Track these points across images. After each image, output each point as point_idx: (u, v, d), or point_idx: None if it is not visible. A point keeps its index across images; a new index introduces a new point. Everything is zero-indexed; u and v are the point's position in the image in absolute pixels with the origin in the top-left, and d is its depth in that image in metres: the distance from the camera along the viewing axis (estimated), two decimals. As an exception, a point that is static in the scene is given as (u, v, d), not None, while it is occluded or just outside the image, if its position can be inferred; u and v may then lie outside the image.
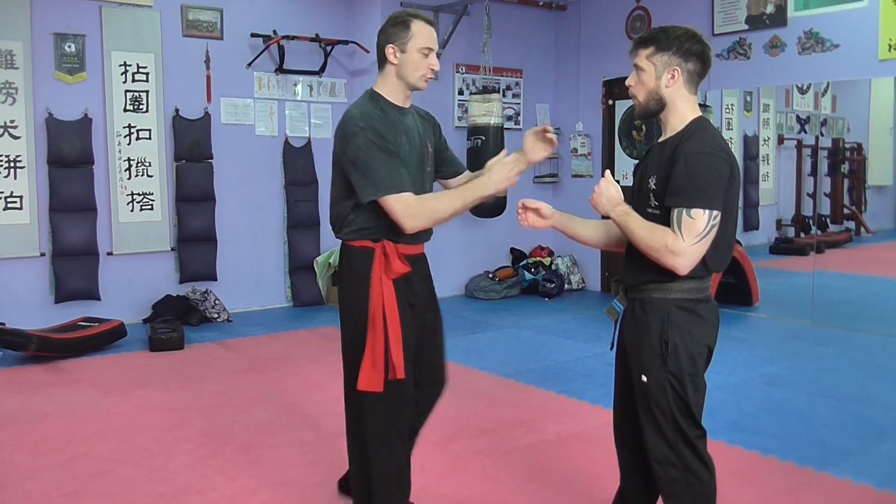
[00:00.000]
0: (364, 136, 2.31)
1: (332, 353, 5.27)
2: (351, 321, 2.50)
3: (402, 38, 2.39)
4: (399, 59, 2.40)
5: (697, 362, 2.15)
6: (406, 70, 2.41)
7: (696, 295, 2.14)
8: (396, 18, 2.43)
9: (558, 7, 7.73)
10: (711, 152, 2.04)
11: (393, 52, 2.40)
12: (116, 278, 6.09)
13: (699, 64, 2.14)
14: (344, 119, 2.41)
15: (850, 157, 6.92)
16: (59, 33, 5.79)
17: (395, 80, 2.44)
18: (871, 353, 5.18)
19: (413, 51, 2.40)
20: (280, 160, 6.91)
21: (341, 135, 2.39)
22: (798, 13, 6.02)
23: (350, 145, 2.33)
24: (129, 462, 3.37)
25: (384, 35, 2.43)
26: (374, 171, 2.30)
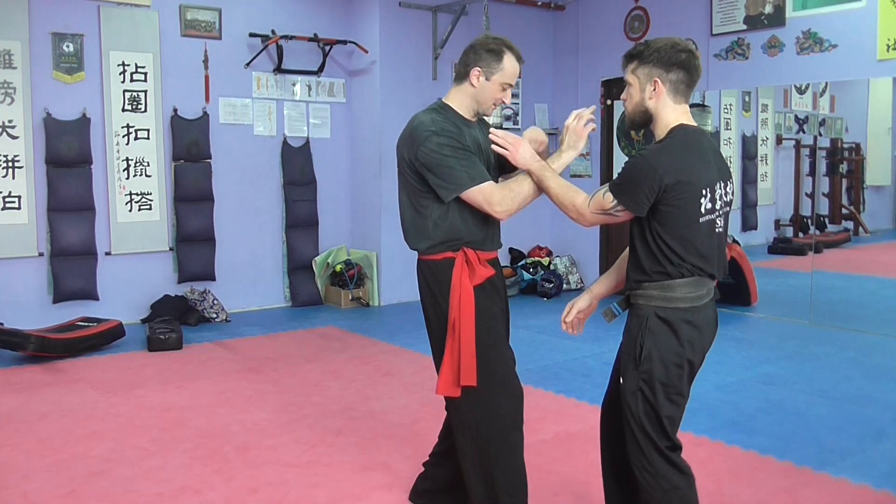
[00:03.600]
0: (436, 139, 2.33)
1: (331, 353, 5.28)
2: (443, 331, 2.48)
3: (491, 67, 2.40)
4: (480, 84, 2.42)
5: (671, 373, 2.15)
6: (483, 97, 2.43)
7: (678, 304, 2.13)
8: (492, 44, 2.41)
9: (557, 7, 7.74)
10: (646, 160, 2.10)
11: (477, 76, 2.41)
12: (115, 278, 6.09)
13: (682, 73, 2.17)
14: (411, 126, 2.42)
15: (848, 157, 6.93)
16: (57, 33, 5.78)
17: (469, 99, 2.46)
18: (870, 353, 5.19)
19: (496, 82, 2.42)
20: (278, 160, 6.90)
21: (410, 142, 2.39)
22: (796, 13, 6.02)
23: (422, 149, 2.34)
24: (127, 462, 3.36)
25: (475, 55, 2.41)
26: (452, 169, 2.32)
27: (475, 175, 2.34)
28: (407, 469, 3.27)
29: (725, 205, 2.21)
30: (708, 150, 2.19)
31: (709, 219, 2.14)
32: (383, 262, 7.07)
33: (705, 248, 2.15)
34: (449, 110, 2.46)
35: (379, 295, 7.09)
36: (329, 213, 7.22)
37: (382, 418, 3.93)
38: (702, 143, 2.18)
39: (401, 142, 2.45)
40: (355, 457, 3.42)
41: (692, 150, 2.14)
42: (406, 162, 2.42)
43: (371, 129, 7.07)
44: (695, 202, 2.10)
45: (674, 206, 2.09)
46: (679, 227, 2.11)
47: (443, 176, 2.33)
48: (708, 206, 2.13)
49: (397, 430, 3.75)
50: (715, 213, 2.16)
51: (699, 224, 2.12)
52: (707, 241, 2.15)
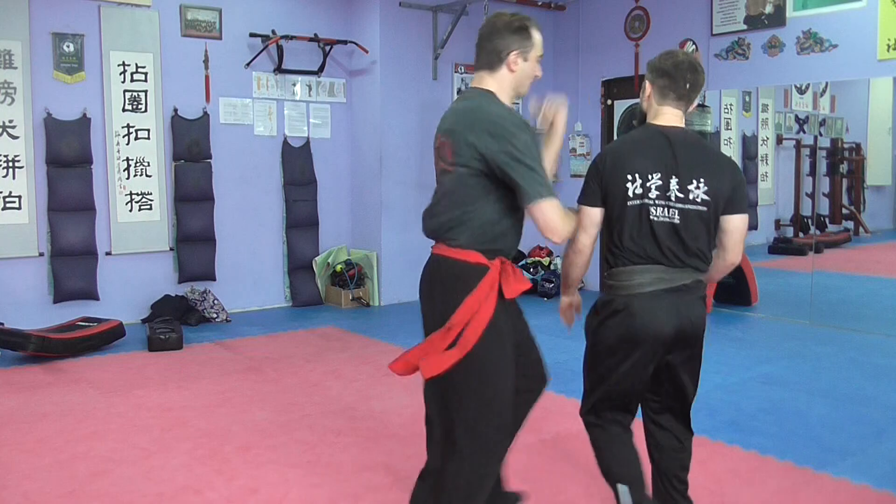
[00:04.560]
0: (527, 136, 2.18)
1: (331, 353, 5.28)
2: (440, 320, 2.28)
3: (525, 46, 2.29)
4: (519, 67, 2.30)
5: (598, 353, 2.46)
6: (522, 78, 2.33)
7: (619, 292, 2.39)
8: (516, 23, 2.29)
9: (557, 7, 7.73)
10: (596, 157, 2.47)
11: (515, 60, 2.29)
12: (115, 278, 6.09)
13: (665, 78, 2.40)
14: (488, 115, 2.21)
15: (848, 157, 6.93)
16: (57, 33, 5.78)
17: (508, 86, 2.33)
18: (870, 353, 5.19)
19: (533, 59, 2.32)
20: (279, 160, 6.90)
21: (493, 130, 2.16)
22: (797, 13, 6.02)
23: (515, 141, 2.14)
24: (128, 462, 3.36)
25: (504, 40, 2.27)
26: (536, 173, 2.15)
27: (549, 187, 2.17)
28: (407, 469, 3.27)
29: (678, 200, 2.32)
30: (660, 144, 2.37)
31: (638, 204, 2.33)
32: (384, 262, 7.07)
33: (636, 234, 2.34)
34: (499, 100, 2.30)
35: (379, 295, 7.09)
36: (329, 213, 7.22)
37: (383, 418, 3.93)
38: (654, 138, 2.39)
39: (463, 125, 2.22)
40: (355, 457, 3.42)
41: (638, 143, 2.40)
42: (475, 149, 2.18)
43: (371, 129, 7.07)
44: (621, 185, 2.34)
45: (608, 193, 2.37)
46: (611, 210, 2.38)
47: (527, 178, 2.14)
48: (638, 191, 2.33)
49: (397, 431, 3.75)
50: (647, 200, 2.33)
51: (627, 207, 2.34)
52: (638, 226, 2.33)
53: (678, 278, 2.34)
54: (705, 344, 2.56)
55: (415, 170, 7.20)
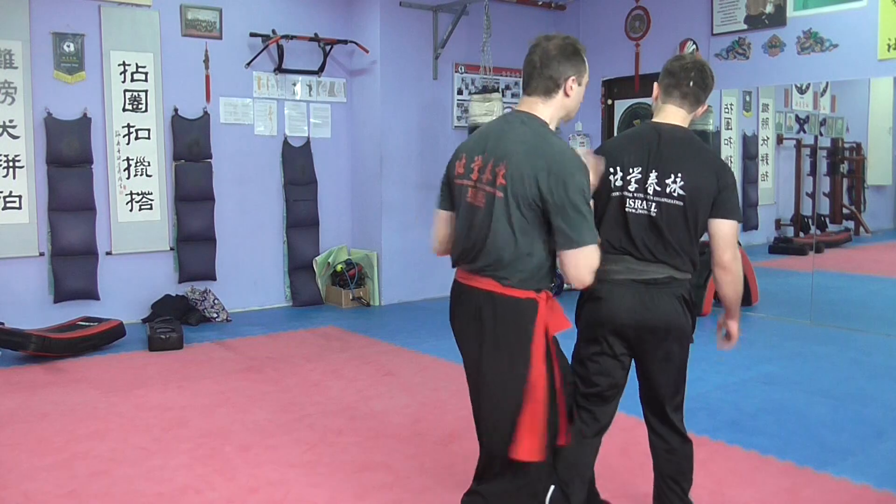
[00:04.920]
0: (583, 177, 2.14)
1: (332, 353, 5.29)
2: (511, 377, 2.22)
3: (580, 71, 2.26)
4: (574, 92, 2.26)
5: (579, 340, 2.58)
6: (574, 103, 2.29)
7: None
8: (573, 46, 2.25)
9: (557, 7, 7.73)
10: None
11: (571, 85, 2.24)
12: (115, 278, 6.09)
13: (670, 77, 2.51)
14: (552, 150, 2.14)
15: (848, 157, 6.93)
16: (57, 33, 5.78)
17: (560, 111, 2.28)
18: (870, 353, 5.19)
19: (584, 84, 2.30)
20: (279, 160, 6.90)
21: (556, 173, 2.10)
22: (797, 13, 6.02)
23: (573, 184, 2.10)
24: (128, 462, 3.36)
25: (561, 66, 2.22)
26: (584, 219, 2.11)
27: (593, 234, 2.14)
28: (407, 469, 3.27)
29: (656, 193, 2.38)
30: (649, 139, 2.44)
31: (618, 195, 2.44)
32: (384, 262, 7.07)
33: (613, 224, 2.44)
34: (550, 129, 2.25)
35: (379, 295, 7.09)
36: (330, 212, 7.22)
37: (383, 418, 3.93)
38: (645, 133, 2.48)
39: (524, 154, 2.15)
40: (356, 456, 3.42)
41: (628, 138, 2.53)
42: (535, 183, 2.11)
43: (372, 129, 7.07)
44: (605, 177, 2.44)
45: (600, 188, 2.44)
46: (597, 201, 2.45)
47: (575, 223, 2.11)
48: (618, 183, 2.44)
49: (398, 430, 3.75)
50: (626, 192, 2.42)
51: (610, 199, 2.45)
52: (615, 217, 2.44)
53: (649, 271, 2.39)
54: (705, 343, 2.56)
55: (415, 170, 7.20)
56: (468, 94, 7.22)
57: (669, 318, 2.40)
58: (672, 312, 2.40)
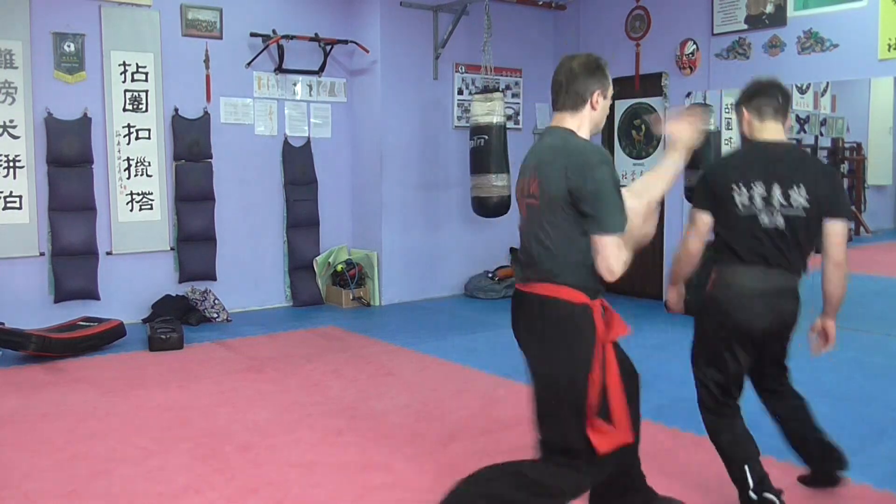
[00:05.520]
0: (607, 169, 2.23)
1: (332, 353, 5.28)
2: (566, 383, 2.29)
3: (605, 85, 2.39)
4: (600, 105, 2.39)
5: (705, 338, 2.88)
6: (600, 116, 2.41)
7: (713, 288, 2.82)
8: (596, 63, 2.38)
9: (558, 6, 7.73)
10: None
11: (597, 99, 2.37)
12: (116, 278, 6.09)
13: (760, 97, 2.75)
14: (574, 151, 2.28)
15: (849, 157, 6.92)
16: (58, 33, 5.78)
17: (589, 124, 2.40)
18: (871, 353, 5.18)
19: (608, 98, 2.42)
20: (279, 160, 6.90)
21: (577, 167, 2.22)
22: (797, 13, 6.01)
23: (595, 174, 2.21)
24: (128, 462, 3.36)
25: (587, 81, 2.35)
26: (616, 205, 2.21)
27: (620, 224, 2.22)
28: (408, 469, 3.27)
29: (781, 206, 2.61)
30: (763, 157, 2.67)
31: (746, 211, 2.63)
32: (384, 262, 7.07)
33: (743, 238, 2.64)
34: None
35: (380, 295, 7.09)
36: (330, 212, 7.22)
37: (383, 418, 3.93)
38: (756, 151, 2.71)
39: (550, 158, 2.30)
40: (356, 457, 3.42)
41: (742, 156, 2.74)
42: (563, 189, 2.23)
43: (372, 129, 7.07)
44: (728, 195, 2.65)
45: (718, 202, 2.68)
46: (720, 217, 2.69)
47: (603, 210, 2.20)
48: (744, 200, 2.63)
49: (398, 430, 3.75)
50: (753, 207, 2.62)
51: (735, 215, 2.64)
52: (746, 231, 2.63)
53: (777, 279, 2.63)
54: None
55: (415, 170, 7.20)
56: (469, 94, 7.22)
57: (792, 320, 2.69)
58: (794, 314, 2.69)
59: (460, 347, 5.37)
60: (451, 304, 7.06)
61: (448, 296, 7.37)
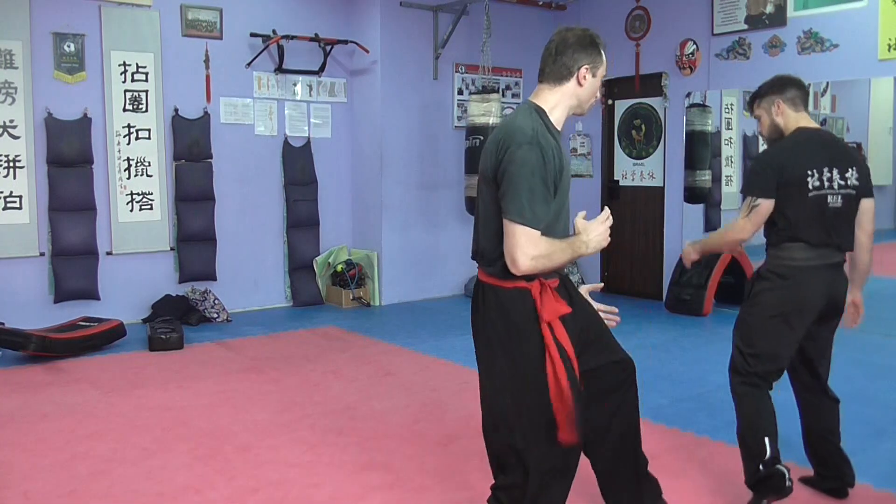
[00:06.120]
0: (527, 152, 2.09)
1: (332, 353, 5.29)
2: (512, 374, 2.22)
3: (595, 62, 2.27)
4: (588, 82, 2.27)
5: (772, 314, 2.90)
6: (586, 94, 2.29)
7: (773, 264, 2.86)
8: (589, 39, 2.27)
9: (558, 7, 7.73)
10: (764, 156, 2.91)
11: (584, 75, 2.26)
12: (116, 278, 6.09)
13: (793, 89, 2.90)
14: (508, 129, 2.17)
15: (849, 157, 6.91)
16: (58, 33, 5.79)
17: (569, 101, 2.28)
18: (871, 353, 5.18)
19: (599, 77, 2.30)
20: (279, 160, 6.90)
21: (504, 146, 2.13)
22: (797, 13, 6.02)
23: (515, 154, 2.09)
24: (129, 462, 3.37)
25: (576, 54, 2.24)
26: (524, 193, 2.07)
27: (533, 214, 2.07)
28: (408, 469, 3.27)
29: (840, 187, 2.81)
30: (818, 143, 2.82)
31: (817, 194, 2.77)
32: (384, 262, 7.07)
33: (811, 219, 2.76)
34: (545, 116, 2.24)
35: (380, 295, 7.09)
36: (330, 212, 7.22)
37: (383, 418, 3.93)
38: (811, 138, 2.83)
39: (490, 146, 2.21)
40: (356, 457, 3.42)
41: (804, 144, 2.81)
42: (491, 167, 2.17)
43: (372, 129, 7.07)
44: (802, 179, 2.75)
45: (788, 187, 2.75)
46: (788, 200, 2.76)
47: (510, 193, 2.08)
48: (816, 183, 2.76)
49: (398, 430, 3.75)
50: (823, 190, 2.77)
51: (808, 198, 2.75)
52: (815, 212, 2.76)
53: (835, 256, 2.82)
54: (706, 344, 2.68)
55: (416, 170, 7.20)
56: (468, 95, 7.22)
57: (843, 300, 2.88)
58: (845, 294, 2.90)
59: (460, 347, 5.38)
60: (451, 304, 7.05)
61: (448, 296, 7.37)
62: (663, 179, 7.12)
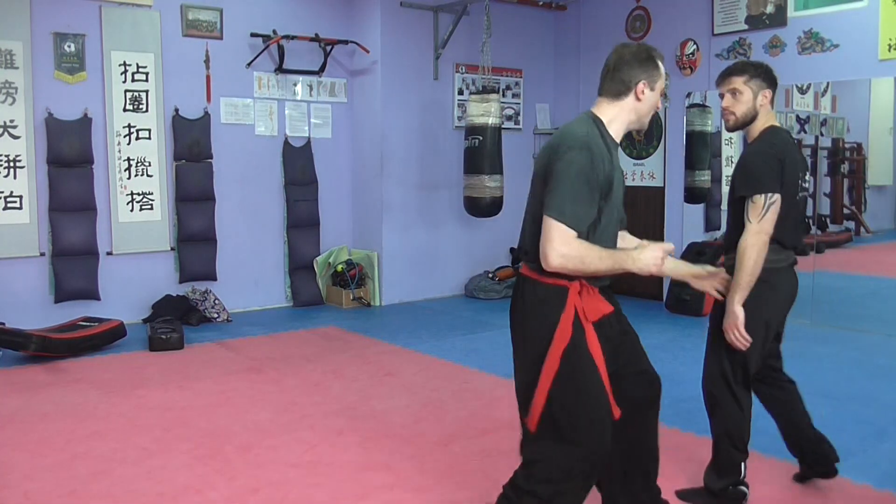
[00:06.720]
0: (577, 154, 2.15)
1: (332, 353, 5.29)
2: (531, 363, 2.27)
3: (653, 77, 2.32)
4: (646, 96, 2.32)
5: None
6: (646, 108, 2.34)
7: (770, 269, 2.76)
8: (646, 53, 2.33)
9: (558, 7, 7.73)
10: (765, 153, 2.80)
11: (643, 89, 2.31)
12: (116, 278, 6.09)
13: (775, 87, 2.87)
14: (562, 133, 2.25)
15: (849, 157, 6.92)
16: (58, 33, 5.79)
17: (629, 115, 2.34)
18: (871, 353, 5.18)
19: (658, 90, 2.35)
20: (280, 160, 6.90)
21: (555, 149, 2.21)
22: (798, 13, 6.02)
23: (564, 156, 2.16)
24: (129, 462, 3.37)
25: (633, 70, 2.30)
26: (568, 193, 2.12)
27: (577, 215, 2.12)
28: (408, 469, 3.27)
29: (803, 189, 2.86)
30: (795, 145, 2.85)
31: (802, 195, 2.83)
32: (384, 262, 7.07)
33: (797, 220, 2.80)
34: (602, 126, 2.30)
35: (380, 295, 7.09)
36: (330, 212, 7.22)
37: (384, 418, 3.93)
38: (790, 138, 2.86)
39: (545, 149, 2.29)
40: (357, 457, 3.42)
41: (791, 144, 2.82)
42: (542, 167, 2.24)
43: (372, 129, 7.07)
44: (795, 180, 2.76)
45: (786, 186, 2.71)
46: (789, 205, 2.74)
47: (554, 191, 2.14)
48: (805, 185, 2.82)
49: (399, 431, 3.75)
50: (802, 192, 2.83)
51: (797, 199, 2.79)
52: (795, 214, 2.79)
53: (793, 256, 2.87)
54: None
55: (416, 170, 7.20)
56: (469, 95, 7.22)
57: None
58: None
59: (460, 347, 5.37)
60: (452, 304, 7.05)
61: (448, 296, 7.37)
62: (663, 179, 7.12)
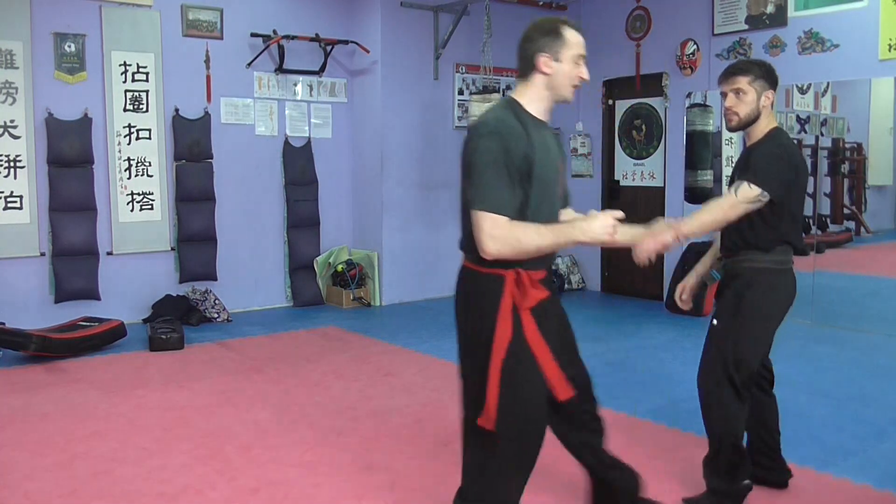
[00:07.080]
0: (486, 142, 2.11)
1: (333, 353, 5.29)
2: (474, 353, 2.25)
3: (555, 47, 2.24)
4: (553, 68, 2.24)
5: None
6: (559, 80, 2.26)
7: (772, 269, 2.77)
8: (546, 26, 2.27)
9: (558, 7, 7.73)
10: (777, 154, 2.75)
11: (545, 62, 2.24)
12: (116, 278, 6.09)
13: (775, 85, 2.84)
14: (472, 124, 2.22)
15: (850, 157, 6.91)
16: (59, 33, 5.79)
17: (543, 90, 2.27)
18: (871, 353, 5.18)
19: (567, 60, 2.25)
20: (280, 160, 6.91)
21: (467, 141, 2.18)
22: (798, 13, 6.02)
23: (475, 145, 2.13)
24: (129, 462, 3.37)
25: (533, 44, 2.26)
26: (484, 181, 2.09)
27: (494, 199, 2.09)
28: (408, 469, 3.28)
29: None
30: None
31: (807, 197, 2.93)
32: (385, 262, 7.07)
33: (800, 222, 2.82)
34: (518, 107, 2.24)
35: (380, 295, 7.09)
36: (330, 212, 7.23)
37: (384, 418, 3.93)
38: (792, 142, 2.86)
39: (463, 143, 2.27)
40: (357, 457, 3.42)
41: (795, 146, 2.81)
42: (462, 161, 2.21)
43: (372, 129, 7.07)
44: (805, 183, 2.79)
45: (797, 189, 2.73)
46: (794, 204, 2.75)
47: (471, 183, 2.12)
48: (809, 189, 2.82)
49: (399, 430, 3.75)
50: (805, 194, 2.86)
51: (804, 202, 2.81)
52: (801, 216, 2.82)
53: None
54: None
55: (416, 170, 7.20)
56: (469, 95, 7.23)
57: None
58: None
59: (461, 347, 5.37)
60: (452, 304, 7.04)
61: (448, 296, 7.33)
62: (664, 179, 7.12)
